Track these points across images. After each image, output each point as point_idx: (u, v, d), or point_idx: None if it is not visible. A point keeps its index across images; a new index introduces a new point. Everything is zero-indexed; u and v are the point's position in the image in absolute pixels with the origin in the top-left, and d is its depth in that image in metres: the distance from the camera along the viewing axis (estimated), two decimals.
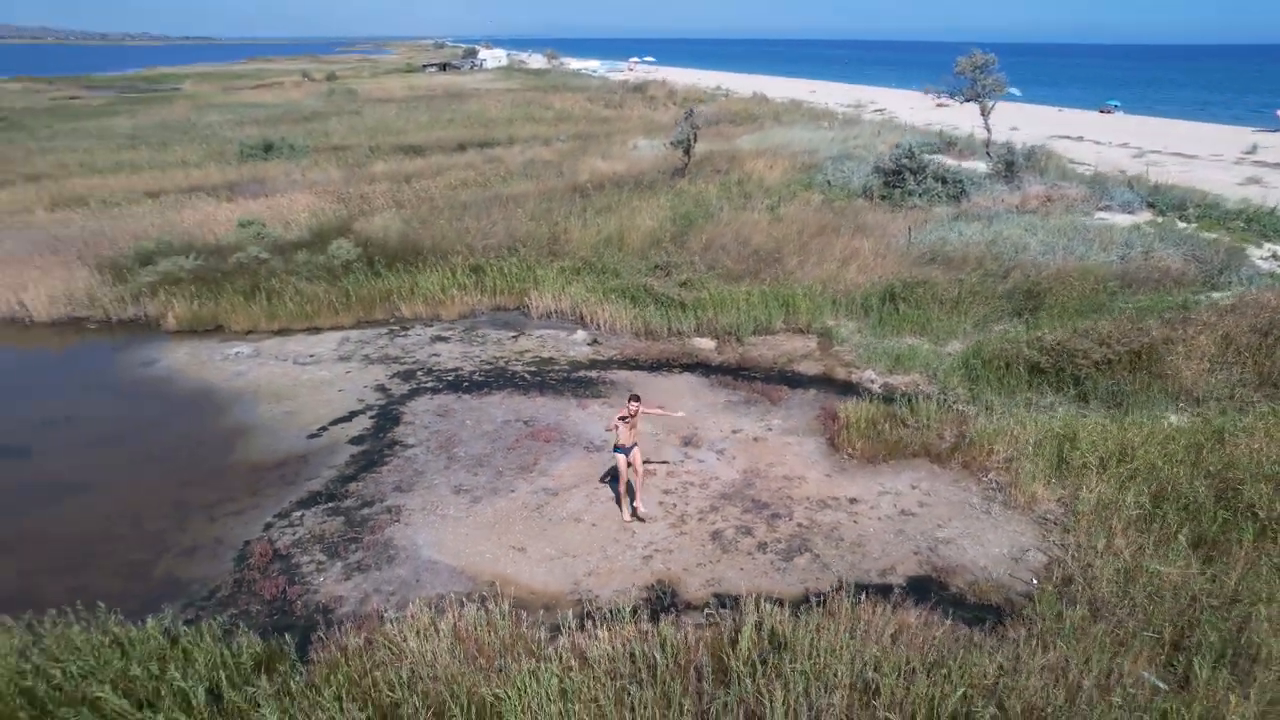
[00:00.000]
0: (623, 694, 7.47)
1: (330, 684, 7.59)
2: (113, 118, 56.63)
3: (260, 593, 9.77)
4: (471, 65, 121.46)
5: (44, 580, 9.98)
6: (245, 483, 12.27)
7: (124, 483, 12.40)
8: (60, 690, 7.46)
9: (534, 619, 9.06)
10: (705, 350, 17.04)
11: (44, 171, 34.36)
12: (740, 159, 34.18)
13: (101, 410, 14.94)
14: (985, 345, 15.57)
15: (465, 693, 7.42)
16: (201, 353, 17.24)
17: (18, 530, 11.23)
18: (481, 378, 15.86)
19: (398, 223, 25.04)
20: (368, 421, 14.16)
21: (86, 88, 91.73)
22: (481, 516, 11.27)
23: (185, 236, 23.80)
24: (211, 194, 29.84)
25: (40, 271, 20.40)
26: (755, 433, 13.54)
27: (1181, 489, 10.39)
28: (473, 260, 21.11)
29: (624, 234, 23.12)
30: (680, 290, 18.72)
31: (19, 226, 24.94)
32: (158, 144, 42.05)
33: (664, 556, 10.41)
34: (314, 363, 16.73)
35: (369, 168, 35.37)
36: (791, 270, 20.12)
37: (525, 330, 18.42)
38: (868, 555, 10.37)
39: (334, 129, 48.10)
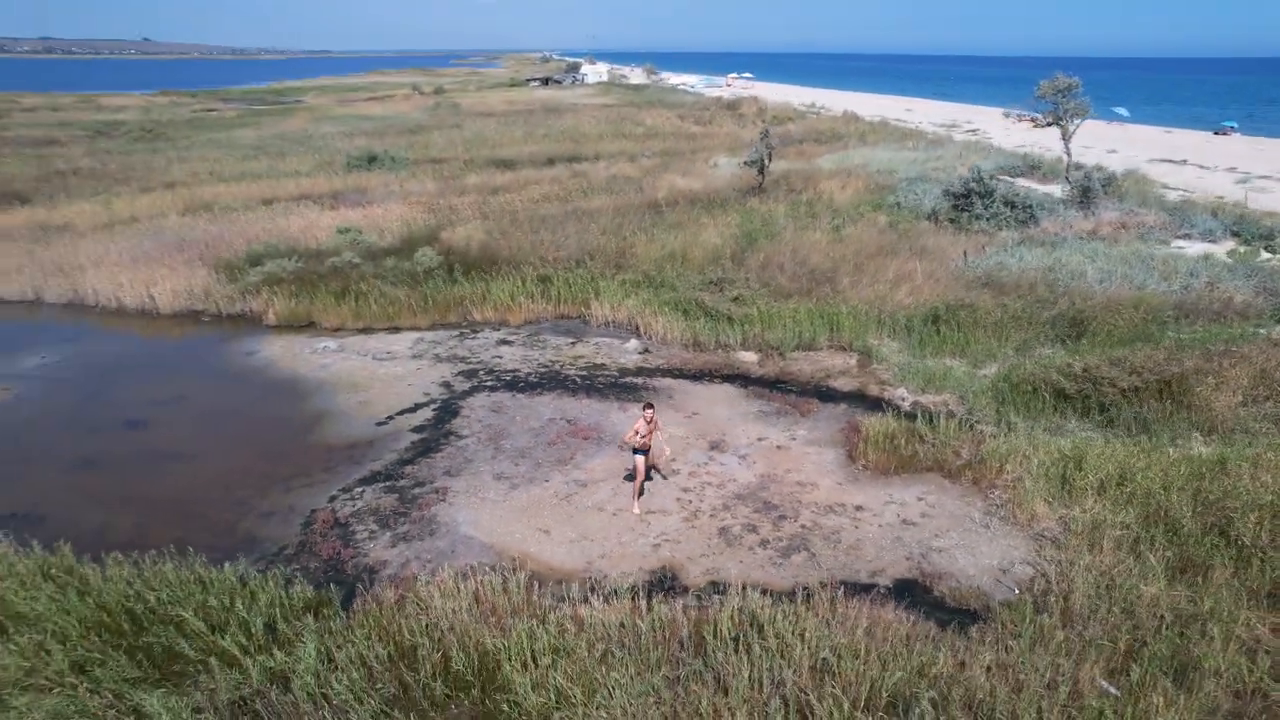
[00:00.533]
0: (607, 654, 8.58)
1: (362, 626, 9.01)
2: (241, 129, 61.68)
3: (319, 552, 11.37)
4: (573, 80, 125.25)
5: (152, 528, 11.84)
6: (318, 460, 14.01)
7: (220, 455, 14.33)
8: (153, 612, 9.13)
9: (545, 590, 10.27)
10: (748, 363, 17.97)
11: (179, 179, 38.17)
12: (816, 178, 34.80)
13: (207, 392, 17.10)
14: (1018, 369, 15.94)
15: (472, 643, 8.69)
16: (294, 346, 19.33)
17: (136, 488, 13.25)
18: (536, 379, 17.28)
19: (479, 233, 26.92)
20: (429, 413, 15.75)
21: (222, 100, 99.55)
22: (516, 501, 12.60)
23: (290, 241, 26.30)
24: (318, 202, 32.60)
25: (168, 269, 23.09)
26: (779, 441, 14.42)
27: (1172, 513, 10.74)
28: (542, 271, 22.65)
29: (687, 250, 24.24)
30: (731, 305, 19.71)
31: (155, 230, 28.04)
32: (276, 154, 45.83)
33: (672, 546, 11.46)
34: (390, 359, 18.53)
35: (462, 180, 37.69)
36: (843, 289, 20.77)
37: (583, 338, 19.77)
38: (861, 557, 11.14)
39: (435, 142, 51.12)
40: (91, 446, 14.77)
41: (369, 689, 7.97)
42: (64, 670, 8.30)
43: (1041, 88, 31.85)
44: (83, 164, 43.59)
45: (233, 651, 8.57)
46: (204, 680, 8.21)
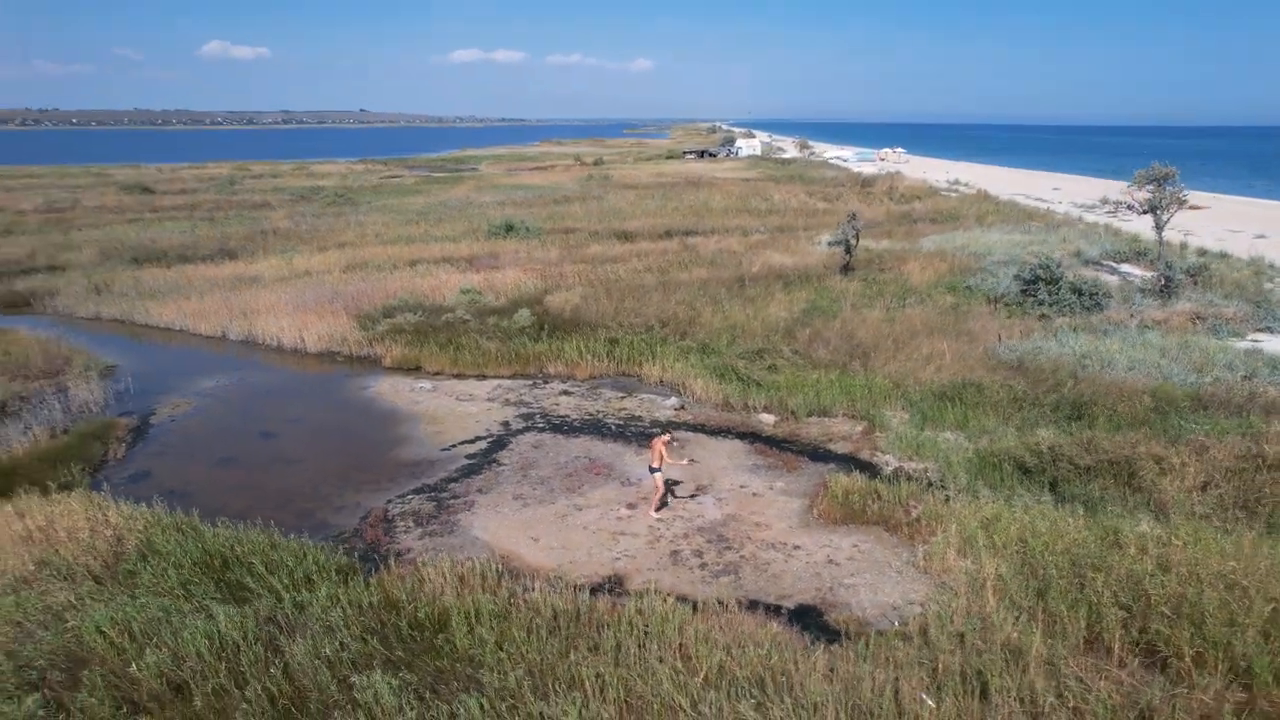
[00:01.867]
0: (531, 622, 11.45)
1: (369, 586, 12.38)
2: (413, 196, 70.46)
3: (365, 537, 14.98)
4: (727, 153, 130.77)
5: (258, 507, 15.91)
6: (388, 472, 17.81)
7: (319, 461, 18.49)
8: (238, 558, 12.95)
9: (520, 580, 13.27)
10: (764, 424, 20.34)
11: (349, 240, 45.21)
12: (906, 259, 36.42)
13: (324, 414, 21.59)
14: (998, 443, 17.42)
15: (439, 604, 11.83)
16: (399, 385, 23.67)
17: (256, 480, 17.56)
18: (578, 424, 20.49)
19: (575, 298, 30.82)
20: (483, 445, 19.30)
21: (408, 168, 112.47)
22: (522, 516, 15.75)
23: (421, 297, 31.30)
24: (454, 264, 37.94)
25: (318, 317, 28.46)
26: (757, 490, 16.77)
27: (1048, 572, 12.27)
28: (614, 334, 26.03)
29: (749, 322, 26.91)
30: (763, 372, 22.19)
31: (318, 283, 34.07)
32: (434, 220, 52.68)
33: (628, 560, 14.16)
34: (469, 400, 22.40)
35: (583, 249, 42.21)
36: (875, 364, 22.69)
37: (634, 393, 22.84)
38: (778, 585, 13.36)
39: (574, 212, 56.58)
40: (233, 448, 19.42)
41: (355, 619, 11.28)
42: (174, 586, 12.20)
43: (1137, 177, 32.27)
44: (282, 225, 52.14)
45: (278, 588, 12.18)
46: (255, 603, 11.83)
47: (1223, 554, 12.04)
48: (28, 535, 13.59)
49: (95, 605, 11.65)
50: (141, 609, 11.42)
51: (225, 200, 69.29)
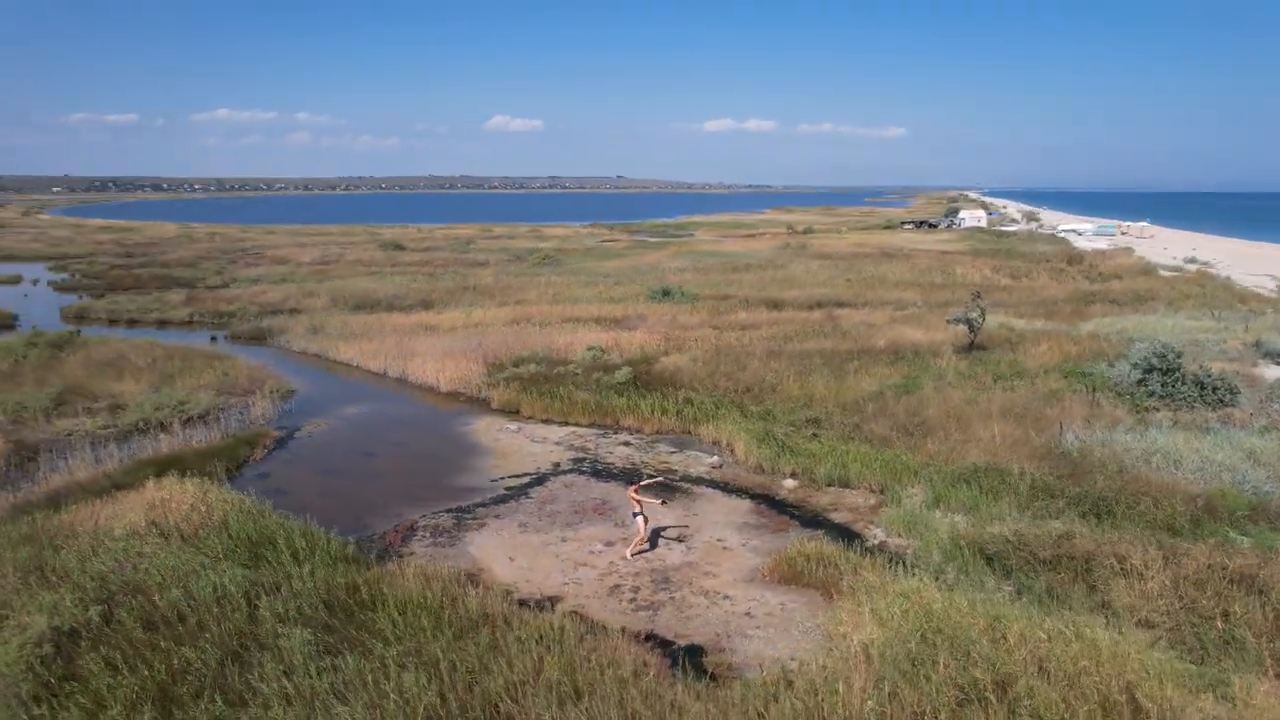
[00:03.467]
0: (447, 616, 13.91)
1: (364, 575, 15.51)
2: (613, 260, 76.47)
3: (386, 540, 18.28)
4: (949, 224, 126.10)
5: (329, 506, 19.86)
6: (439, 494, 21.16)
7: (394, 479, 22.29)
8: (270, 539, 16.71)
9: (478, 588, 15.79)
10: (784, 488, 21.28)
11: (528, 298, 50.89)
12: (1043, 340, 34.70)
13: (419, 442, 25.63)
14: (980, 529, 17.24)
15: (404, 593, 14.65)
16: (492, 424, 27.31)
17: (340, 488, 21.69)
18: (616, 471, 22.70)
19: (684, 361, 33.09)
20: (526, 480, 22.13)
21: (629, 232, 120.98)
22: (514, 540, 18.28)
23: (554, 351, 35.15)
24: (601, 324, 41.67)
25: (457, 362, 33.13)
26: (730, 544, 18.00)
27: (927, 650, 12.61)
28: (691, 395, 27.97)
29: (827, 393, 27.64)
30: (805, 440, 23.08)
31: (477, 333, 39.23)
32: (613, 282, 57.39)
33: (574, 586, 16.17)
34: (541, 442, 25.43)
35: (728, 315, 44.37)
36: (924, 442, 22.71)
37: (684, 449, 24.61)
38: (686, 625, 14.72)
39: (744, 280, 58.91)
40: (339, 462, 23.91)
41: (319, 591, 14.42)
42: (219, 550, 16.13)
43: None
44: (485, 281, 59.51)
45: (284, 562, 15.69)
46: (261, 570, 15.40)
47: (1098, 657, 11.77)
48: (152, 504, 18.37)
49: (164, 555, 15.83)
50: (185, 561, 15.45)
51: (455, 258, 79.70)
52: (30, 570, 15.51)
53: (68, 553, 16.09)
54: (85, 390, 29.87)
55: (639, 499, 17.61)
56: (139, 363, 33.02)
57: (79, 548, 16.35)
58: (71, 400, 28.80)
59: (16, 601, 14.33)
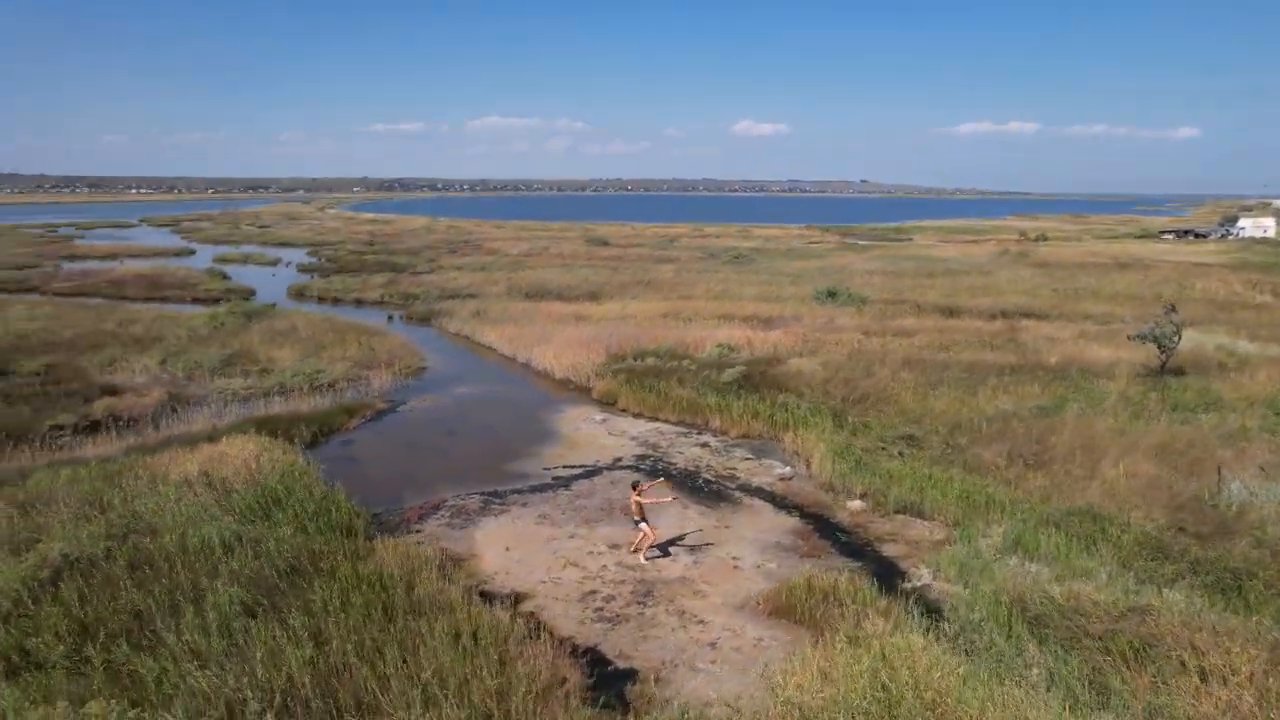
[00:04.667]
0: (389, 597, 13.49)
1: (373, 541, 15.60)
2: (806, 261, 73.35)
3: (406, 515, 18.27)
4: (1223, 233, 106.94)
5: (385, 476, 20.39)
6: (487, 476, 20.91)
7: (460, 458, 22.39)
8: (296, 500, 17.25)
9: (450, 575, 15.26)
10: (845, 509, 18.64)
11: (693, 294, 49.92)
12: (1257, 367, 27.96)
13: (503, 424, 25.64)
14: (1044, 586, 13.82)
15: (371, 569, 14.50)
16: (581, 413, 26.75)
17: (405, 458, 22.18)
18: (675, 472, 21.17)
19: (815, 366, 30.50)
20: (578, 471, 21.28)
21: (842, 235, 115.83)
22: (523, 530, 17.52)
23: (678, 346, 33.97)
24: (747, 322, 39.72)
25: (580, 350, 32.94)
26: (743, 563, 15.98)
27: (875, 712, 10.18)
28: (790, 400, 25.59)
29: (949, 409, 24.07)
30: (889, 459, 20.15)
31: (620, 324, 38.91)
32: (788, 282, 54.80)
33: (550, 585, 15.10)
34: (617, 435, 24.45)
35: (891, 320, 40.55)
36: (1029, 475, 18.95)
37: (761, 457, 22.48)
38: (643, 646, 13.15)
39: (935, 285, 53.76)
40: (421, 437, 24.54)
41: (287, 553, 14.58)
42: (244, 505, 16.89)
43: None
44: (663, 277, 59.31)
45: (283, 524, 16.10)
46: (260, 525, 15.89)
47: None
48: (215, 457, 19.79)
49: (187, 503, 16.89)
50: (199, 510, 16.36)
51: (650, 254, 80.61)
52: (88, 503, 17.20)
53: (121, 493, 17.67)
54: (251, 355, 33.33)
55: (641, 501, 16.11)
56: (304, 334, 36.36)
57: (134, 489, 17.91)
58: (237, 363, 32.23)
59: (57, 530, 15.86)
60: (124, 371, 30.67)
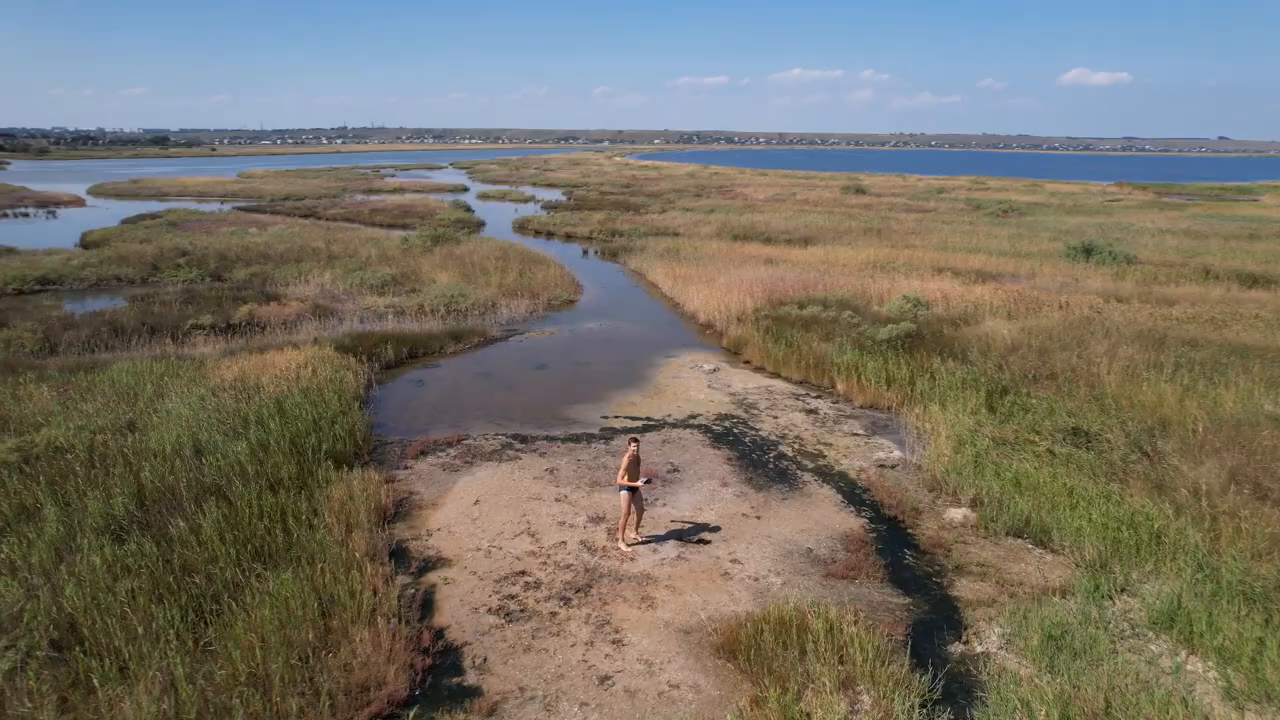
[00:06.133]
0: (320, 539, 11.42)
1: (351, 470, 13.91)
2: (1084, 216, 60.91)
3: (409, 447, 16.15)
4: None
5: (440, 403, 18.67)
6: (539, 419, 18.26)
7: (528, 394, 19.97)
8: (327, 422, 15.93)
9: (410, 523, 12.91)
10: (939, 518, 13.34)
11: (919, 244, 42.84)
12: None
13: (601, 364, 22.71)
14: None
15: (337, 501, 12.65)
16: (692, 361, 23.03)
17: (473, 390, 20.22)
18: (746, 441, 16.95)
19: (1006, 328, 23.85)
20: (635, 426, 17.83)
21: (1158, 193, 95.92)
22: (513, 484, 14.62)
23: (857, 296, 28.57)
24: (963, 277, 32.66)
25: (739, 296, 28.77)
26: (737, 573, 11.74)
27: None
28: (942, 368, 19.75)
29: (1180, 404, 16.95)
30: (1027, 457, 14.26)
31: (811, 270, 33.96)
32: (1048, 239, 45.17)
33: (481, 558, 12.13)
34: (718, 389, 20.46)
35: (1163, 287, 31.23)
36: (1242, 511, 12.19)
37: (876, 433, 17.35)
38: (524, 656, 9.82)
39: (1250, 250, 41.29)
40: (507, 368, 22.50)
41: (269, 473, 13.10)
42: (267, 419, 15.89)
43: None
44: (898, 227, 52.00)
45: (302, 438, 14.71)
46: (272, 439, 14.63)
47: None
48: (264, 364, 19.19)
49: (203, 405, 16.17)
50: (232, 416, 15.56)
51: (904, 203, 72.14)
52: (123, 396, 17.25)
53: (158, 389, 17.52)
54: (416, 276, 33.53)
55: (628, 475, 12.39)
56: (471, 260, 36.00)
57: (172, 387, 17.70)
58: (400, 281, 32.56)
59: (59, 420, 15.81)
60: (300, 284, 32.18)
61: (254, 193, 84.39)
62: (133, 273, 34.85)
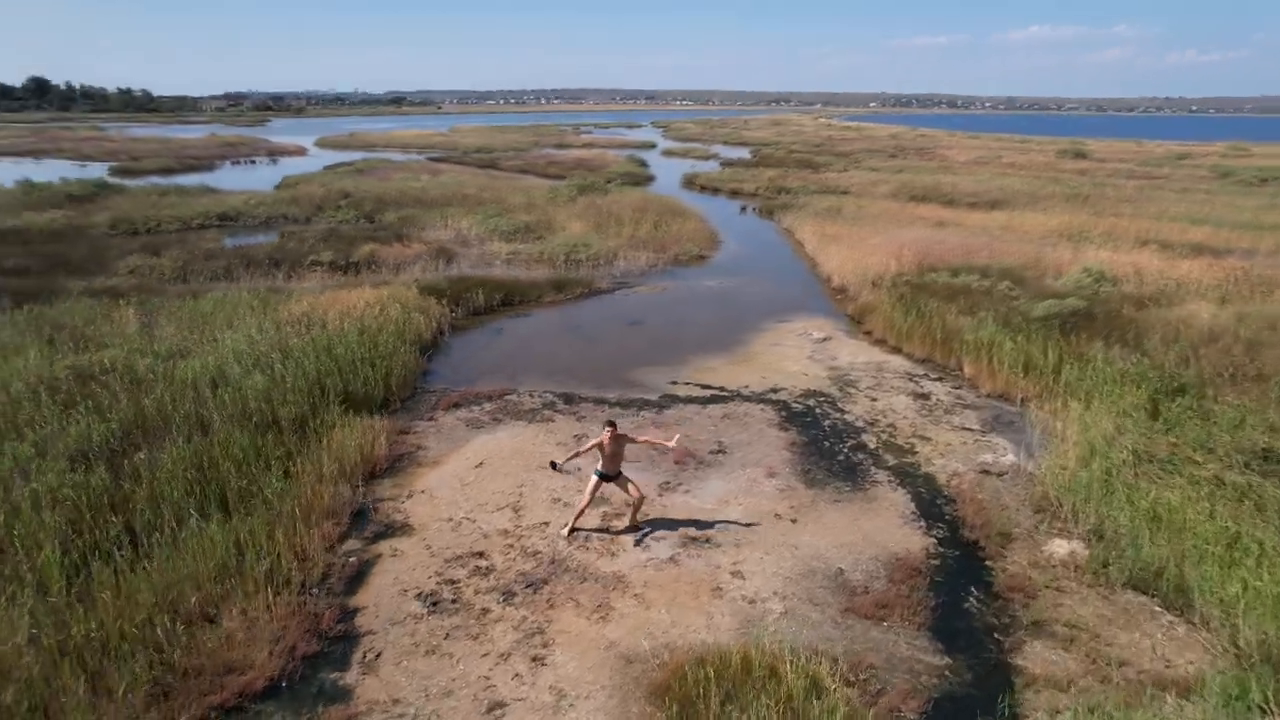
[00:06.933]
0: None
1: (370, 418, 13.05)
2: None
3: (441, 399, 14.92)
4: None
5: (493, 361, 17.50)
6: (601, 379, 16.43)
7: (607, 351, 18.19)
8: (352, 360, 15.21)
9: (398, 480, 11.71)
10: (1034, 551, 10.05)
11: (1130, 212, 36.17)
12: None
13: (703, 323, 20.40)
14: None
15: (330, 447, 11.79)
16: (798, 328, 20.13)
17: (553, 340, 18.75)
18: (824, 426, 14.13)
19: (1212, 314, 18.83)
20: (704, 396, 15.56)
21: None
22: (526, 449, 12.92)
23: (1018, 265, 24.11)
24: (1174, 250, 26.72)
25: (883, 257, 25.15)
26: (737, 590, 9.30)
27: None
28: (1102, 358, 15.60)
29: None
30: (1180, 485, 10.47)
31: (984, 235, 29.37)
32: None
33: (444, 529, 10.57)
34: (817, 361, 17.59)
35: None
36: None
37: (991, 430, 13.83)
38: (423, 660, 8.13)
39: None
40: (600, 320, 20.90)
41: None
42: (312, 353, 15.38)
43: None
44: (1110, 193, 44.58)
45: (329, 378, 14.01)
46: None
47: None
48: (365, 302, 18.72)
49: (256, 339, 15.85)
50: (271, 350, 15.23)
51: (1130, 170, 62.23)
52: (193, 324, 17.39)
53: (226, 321, 17.50)
54: (551, 225, 32.61)
55: (634, 440, 10.40)
56: (610, 210, 34.49)
57: (241, 318, 17.60)
58: (533, 230, 31.76)
59: (145, 343, 16.03)
60: (438, 228, 32.22)
61: (451, 145, 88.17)
62: (299, 212, 36.62)
